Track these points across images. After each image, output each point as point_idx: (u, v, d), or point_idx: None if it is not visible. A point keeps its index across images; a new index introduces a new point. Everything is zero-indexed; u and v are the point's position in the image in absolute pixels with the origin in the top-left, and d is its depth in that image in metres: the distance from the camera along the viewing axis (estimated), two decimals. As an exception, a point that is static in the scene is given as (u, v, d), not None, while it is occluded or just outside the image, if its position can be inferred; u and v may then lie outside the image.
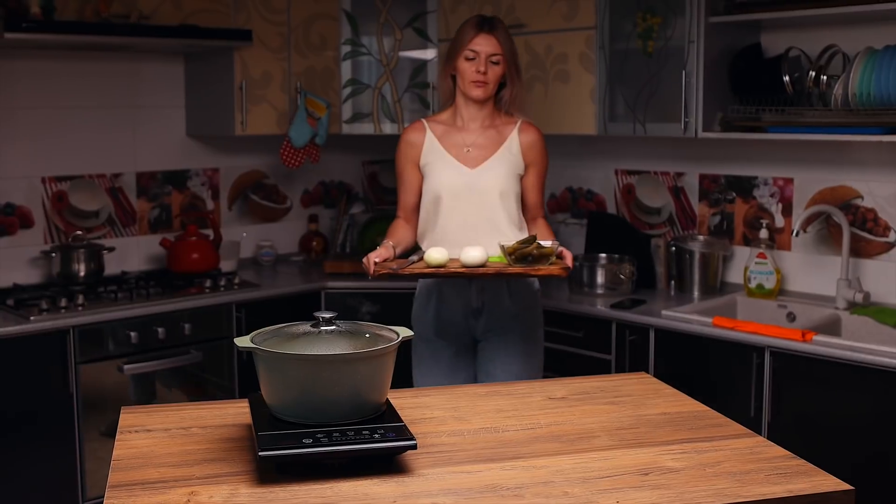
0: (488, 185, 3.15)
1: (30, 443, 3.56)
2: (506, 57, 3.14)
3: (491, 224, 3.14)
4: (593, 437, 2.14)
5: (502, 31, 3.15)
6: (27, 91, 4.10)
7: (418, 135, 3.26)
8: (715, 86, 3.75)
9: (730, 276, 4.10)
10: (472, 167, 3.18)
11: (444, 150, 3.21)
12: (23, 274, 4.15)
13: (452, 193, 3.17)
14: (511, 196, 3.18)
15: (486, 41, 3.13)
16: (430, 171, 3.21)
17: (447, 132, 3.23)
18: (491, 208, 3.15)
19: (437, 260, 2.91)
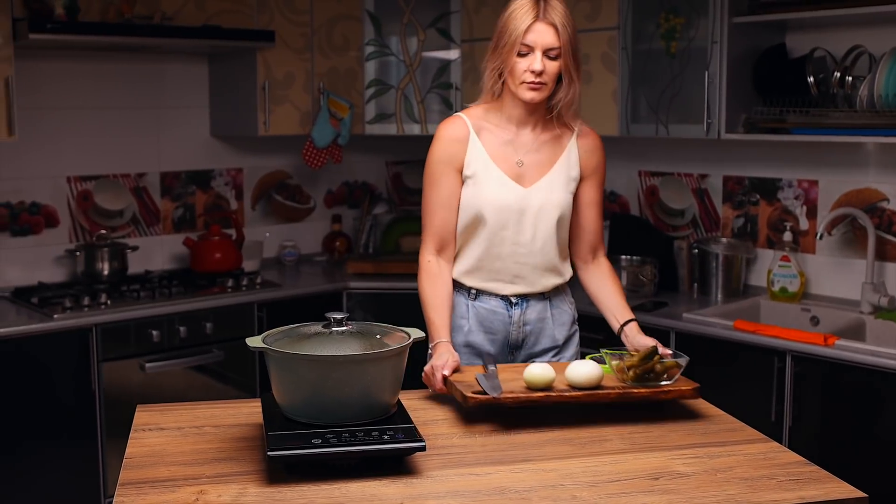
0: (546, 205, 2.58)
1: (52, 440, 3.58)
2: (567, 49, 2.46)
3: (543, 256, 2.61)
4: (605, 441, 2.13)
5: (562, 16, 2.46)
6: (52, 91, 4.13)
7: (462, 133, 2.59)
8: (738, 87, 3.72)
9: (753, 279, 4.06)
10: (527, 185, 2.59)
11: (491, 159, 2.57)
12: (48, 272, 4.18)
13: (499, 216, 2.57)
14: (567, 218, 2.64)
15: (543, 31, 2.44)
16: (475, 186, 2.58)
17: (493, 136, 2.59)
18: (545, 237, 2.59)
19: (541, 380, 2.25)
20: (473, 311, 2.65)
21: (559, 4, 2.47)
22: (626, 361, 2.30)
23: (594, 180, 2.67)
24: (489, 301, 2.64)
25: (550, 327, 2.68)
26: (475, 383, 2.27)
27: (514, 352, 2.69)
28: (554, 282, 2.66)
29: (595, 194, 2.68)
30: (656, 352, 2.34)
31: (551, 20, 2.44)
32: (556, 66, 2.46)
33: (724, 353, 3.46)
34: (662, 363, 2.29)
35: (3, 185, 4.04)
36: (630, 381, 2.28)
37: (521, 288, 2.63)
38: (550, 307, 2.68)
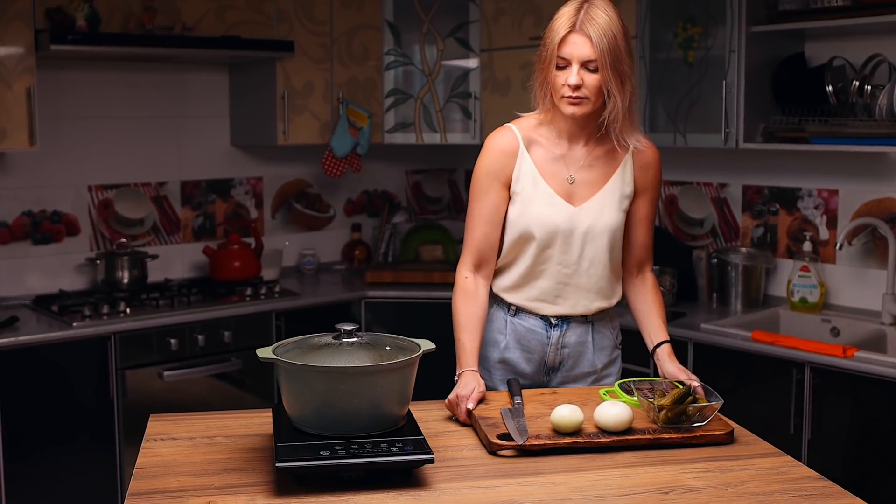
0: (596, 226, 2.47)
1: (71, 447, 3.61)
2: (605, 61, 2.30)
3: (589, 278, 2.51)
4: (616, 454, 2.12)
5: (601, 26, 2.29)
6: (74, 101, 4.17)
7: (511, 146, 2.48)
8: (757, 96, 3.70)
9: (773, 289, 4.04)
10: (577, 203, 2.48)
11: (541, 175, 2.47)
12: (69, 280, 4.21)
13: (546, 235, 2.46)
14: (619, 239, 2.52)
15: (579, 43, 2.30)
16: (522, 203, 2.48)
17: (544, 151, 2.48)
18: (592, 258, 2.49)
19: (570, 424, 2.16)
20: (512, 328, 2.58)
21: (602, 13, 2.31)
22: (657, 402, 2.22)
23: (648, 196, 2.55)
24: (528, 319, 2.56)
25: (590, 352, 2.59)
26: (500, 420, 2.22)
27: (551, 373, 2.61)
28: (598, 305, 2.56)
29: (648, 210, 2.56)
30: (689, 393, 2.24)
31: (587, 31, 2.29)
32: (597, 78, 2.32)
33: (743, 364, 3.44)
34: (695, 405, 2.20)
35: (25, 193, 4.07)
36: (661, 422, 2.20)
37: (562, 309, 2.54)
38: (592, 331, 2.59)
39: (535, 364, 2.59)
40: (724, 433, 2.18)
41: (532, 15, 4.31)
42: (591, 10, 2.32)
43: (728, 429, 2.20)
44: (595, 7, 2.33)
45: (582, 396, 2.34)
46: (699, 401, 2.23)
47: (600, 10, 2.32)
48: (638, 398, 2.28)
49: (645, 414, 2.26)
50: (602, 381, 2.63)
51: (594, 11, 2.32)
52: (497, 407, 2.30)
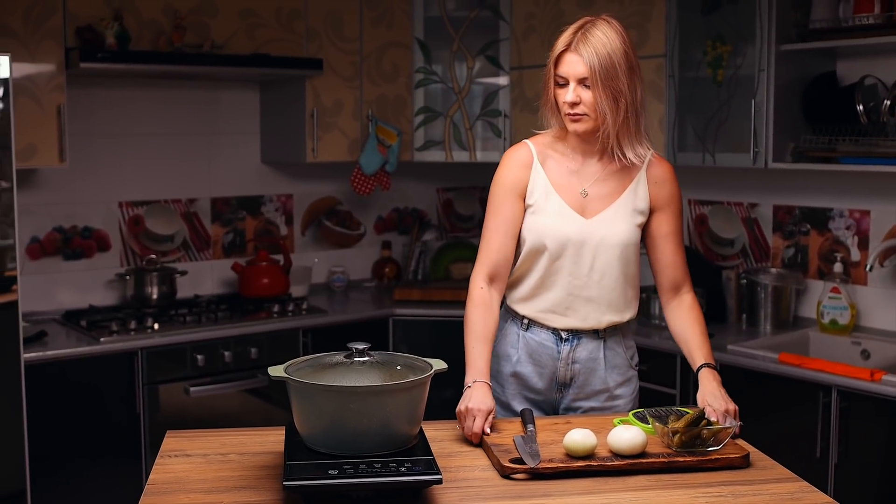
0: (607, 239, 2.49)
1: (98, 462, 3.63)
2: (597, 79, 2.36)
3: (600, 290, 2.51)
4: (629, 477, 2.09)
5: (595, 45, 2.36)
6: (105, 118, 4.22)
7: (526, 159, 2.55)
8: (787, 115, 3.66)
9: (803, 310, 3.98)
10: (588, 216, 2.51)
11: (554, 188, 2.52)
12: (99, 296, 4.25)
13: (559, 246, 2.50)
14: (632, 253, 2.53)
15: (573, 62, 2.38)
16: (535, 215, 2.52)
17: (558, 165, 2.54)
18: (603, 270, 2.50)
19: (582, 448, 2.14)
20: (524, 342, 2.59)
21: (599, 32, 2.38)
22: (671, 426, 2.19)
23: (668, 212, 2.56)
24: (540, 333, 2.57)
25: (602, 369, 2.58)
26: (513, 447, 2.20)
27: (563, 390, 2.59)
28: (609, 319, 2.55)
29: (669, 226, 2.56)
30: (703, 416, 2.21)
31: (580, 50, 2.37)
32: (593, 95, 2.39)
33: (769, 386, 3.39)
34: (710, 428, 2.18)
35: (56, 209, 4.12)
36: (675, 446, 2.17)
37: (572, 322, 2.54)
38: (604, 348, 2.57)
39: (546, 379, 2.58)
40: (739, 457, 2.15)
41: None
42: (589, 30, 2.39)
43: (743, 452, 2.17)
44: (594, 27, 2.40)
45: (596, 424, 2.32)
46: (713, 424, 2.20)
47: (598, 30, 2.39)
48: (652, 423, 2.25)
49: (659, 440, 2.23)
50: (615, 400, 2.61)
51: (591, 31, 2.39)
52: (510, 434, 2.28)
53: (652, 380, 3.73)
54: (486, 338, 2.50)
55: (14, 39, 3.58)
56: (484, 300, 2.53)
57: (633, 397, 2.65)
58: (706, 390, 2.40)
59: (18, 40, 3.60)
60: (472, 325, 2.51)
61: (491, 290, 2.55)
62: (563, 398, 2.61)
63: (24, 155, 3.63)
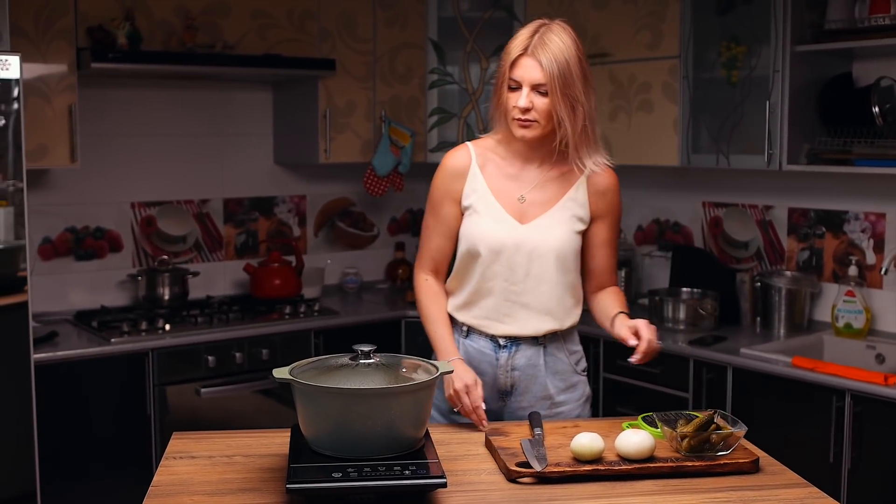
0: (542, 245, 2.45)
1: (107, 464, 3.63)
2: (555, 86, 2.31)
3: (537, 297, 2.47)
4: (637, 482, 2.06)
5: (553, 51, 2.30)
6: (118, 119, 4.22)
7: (463, 165, 2.52)
8: (802, 117, 3.63)
9: (818, 314, 3.94)
10: (525, 221, 2.48)
11: (491, 193, 2.48)
12: (111, 296, 4.25)
13: (493, 251, 2.45)
14: (571, 260, 2.49)
15: (529, 66, 2.32)
16: (471, 218, 2.50)
17: (497, 170, 2.50)
18: (539, 277, 2.46)
19: (590, 451, 2.10)
20: (464, 350, 2.55)
21: (556, 38, 2.32)
22: (679, 430, 2.16)
23: (606, 221, 2.52)
24: (478, 341, 2.54)
25: (542, 376, 2.52)
26: (520, 450, 2.18)
27: (505, 398, 2.54)
28: (548, 327, 2.50)
29: (606, 234, 2.53)
30: (712, 421, 2.17)
31: (538, 55, 2.31)
32: (547, 102, 2.34)
33: (782, 390, 3.36)
34: (718, 433, 2.13)
35: (68, 210, 4.12)
36: (684, 451, 2.15)
37: (511, 329, 2.50)
38: (544, 354, 2.52)
39: (488, 387, 2.51)
40: (748, 461, 2.12)
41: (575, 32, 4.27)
42: (545, 35, 2.33)
43: (753, 457, 2.14)
44: (551, 31, 2.34)
45: (604, 428, 2.29)
46: (723, 429, 2.17)
47: (555, 35, 2.33)
48: (661, 427, 2.23)
49: (668, 444, 2.21)
50: (558, 407, 2.55)
51: (548, 36, 2.33)
52: (517, 438, 2.26)
53: (664, 383, 3.71)
54: (443, 319, 2.55)
55: (25, 40, 3.58)
56: (430, 287, 2.58)
57: (581, 403, 2.59)
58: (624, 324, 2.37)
59: (30, 40, 3.60)
60: (426, 311, 2.57)
61: (436, 280, 2.59)
62: (505, 406, 2.55)
63: (35, 155, 3.63)
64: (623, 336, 2.34)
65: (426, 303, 2.57)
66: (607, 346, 3.91)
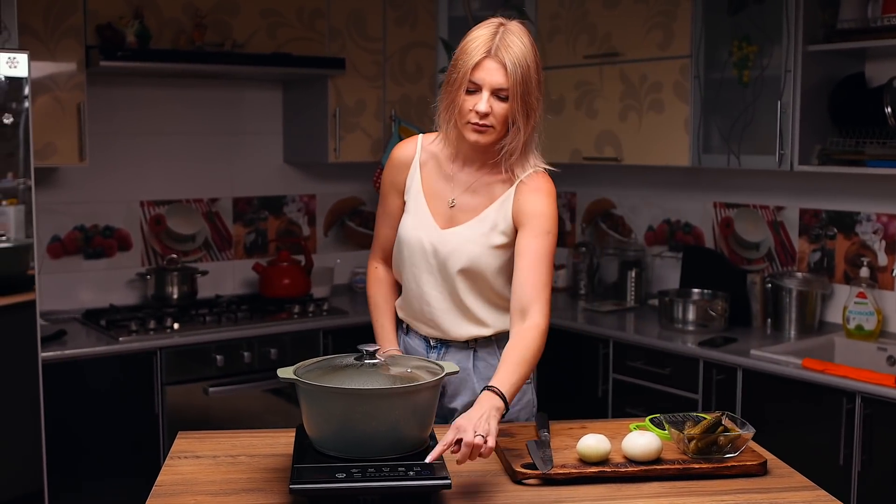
0: (453, 255, 2.37)
1: (115, 463, 3.62)
2: (516, 92, 2.21)
3: (452, 303, 2.41)
4: (643, 484, 2.05)
5: (516, 55, 2.19)
6: (127, 117, 4.21)
7: (408, 158, 2.46)
8: (813, 117, 3.60)
9: (829, 315, 3.91)
10: (445, 227, 2.40)
11: (423, 193, 2.43)
12: (120, 295, 4.25)
13: (413, 252, 2.42)
14: (487, 275, 2.37)
15: (492, 69, 2.20)
16: (404, 216, 2.47)
17: (436, 169, 2.42)
18: (452, 284, 2.39)
19: (596, 453, 2.08)
20: (404, 345, 2.55)
21: (517, 40, 2.21)
22: (686, 432, 2.14)
23: (528, 228, 2.32)
24: (414, 339, 2.53)
25: (472, 380, 2.45)
26: (525, 451, 2.16)
27: (440, 399, 2.36)
28: (471, 332, 2.43)
29: (528, 243, 2.31)
30: (720, 423, 2.13)
31: (502, 58, 2.19)
32: (506, 108, 2.22)
33: (792, 392, 3.33)
34: (726, 435, 2.11)
35: (77, 208, 4.12)
36: (691, 453, 2.12)
37: (433, 332, 2.47)
38: (474, 358, 2.46)
39: None
40: (756, 464, 2.10)
41: (586, 34, 4.26)
42: (507, 36, 2.21)
43: (761, 460, 2.12)
44: (511, 33, 2.23)
45: (611, 430, 2.28)
46: (730, 431, 2.15)
47: (516, 37, 2.22)
48: (668, 429, 2.21)
49: (675, 446, 2.19)
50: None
51: (510, 38, 2.21)
52: (523, 439, 2.24)
53: (673, 385, 3.69)
54: (386, 309, 2.55)
55: (34, 38, 3.58)
56: (378, 276, 2.57)
57: (520, 409, 2.47)
58: (469, 411, 2.06)
59: (39, 39, 3.60)
60: (377, 300, 2.57)
61: (385, 268, 2.58)
62: (441, 406, 2.46)
63: (44, 154, 3.63)
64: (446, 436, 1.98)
65: (371, 291, 2.58)
66: (616, 346, 3.89)
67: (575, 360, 4.04)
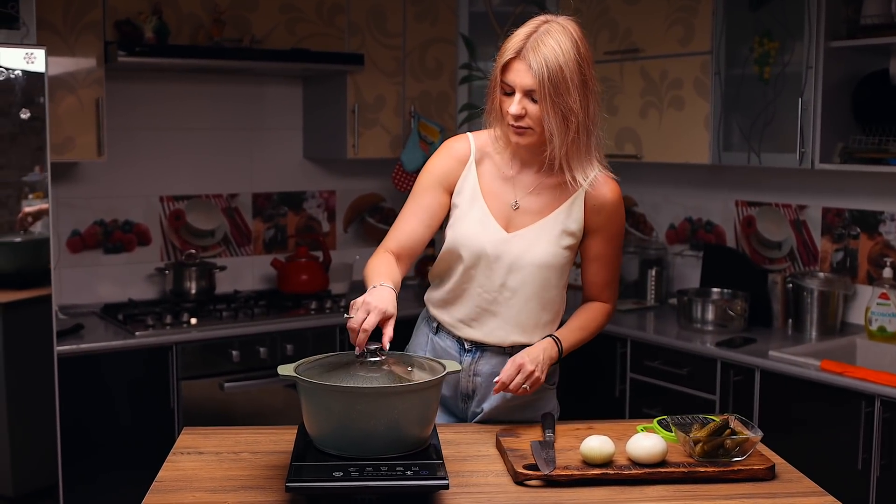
0: (523, 257, 2.31)
1: (129, 457, 3.63)
2: (545, 94, 2.14)
3: (510, 309, 2.35)
4: (647, 487, 2.01)
5: (546, 55, 2.13)
6: (147, 112, 4.22)
7: (463, 154, 2.37)
8: (836, 114, 3.54)
9: (851, 316, 3.85)
10: (511, 230, 2.34)
11: (482, 194, 2.35)
12: (139, 289, 4.26)
13: (474, 255, 2.33)
14: (553, 276, 2.35)
15: (521, 71, 2.17)
16: (457, 217, 2.36)
17: (494, 169, 2.36)
18: (516, 288, 2.34)
19: (599, 455, 2.05)
20: (432, 346, 2.48)
21: (552, 41, 2.14)
22: (693, 435, 2.10)
23: (601, 236, 2.35)
24: (445, 340, 2.45)
25: None
26: (529, 452, 2.13)
27: (466, 401, 2.45)
28: (515, 339, 2.38)
29: (601, 249, 2.37)
30: (727, 426, 2.10)
31: (528, 59, 2.14)
32: (539, 109, 2.17)
33: (810, 394, 3.28)
34: (733, 438, 2.07)
35: (97, 203, 4.14)
36: (697, 456, 2.09)
37: (477, 334, 2.40)
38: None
39: (451, 387, 2.44)
40: (763, 468, 2.06)
41: (607, 29, 4.22)
42: (541, 37, 2.16)
43: (769, 464, 2.08)
44: (548, 33, 2.17)
45: (617, 431, 2.24)
46: (738, 434, 2.11)
47: (551, 38, 2.15)
48: (674, 431, 2.17)
49: (682, 448, 2.15)
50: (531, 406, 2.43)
51: (544, 38, 2.15)
52: (528, 439, 2.22)
53: (691, 385, 3.65)
54: (389, 273, 2.26)
55: (53, 33, 3.59)
56: (384, 257, 2.34)
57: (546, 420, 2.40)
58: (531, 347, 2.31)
59: (58, 34, 3.61)
60: (375, 266, 2.31)
61: (393, 257, 2.36)
62: (467, 409, 2.47)
63: (62, 148, 3.65)
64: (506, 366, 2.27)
65: (371, 262, 2.33)
66: (634, 345, 3.85)
67: (592, 359, 4.00)
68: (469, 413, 2.47)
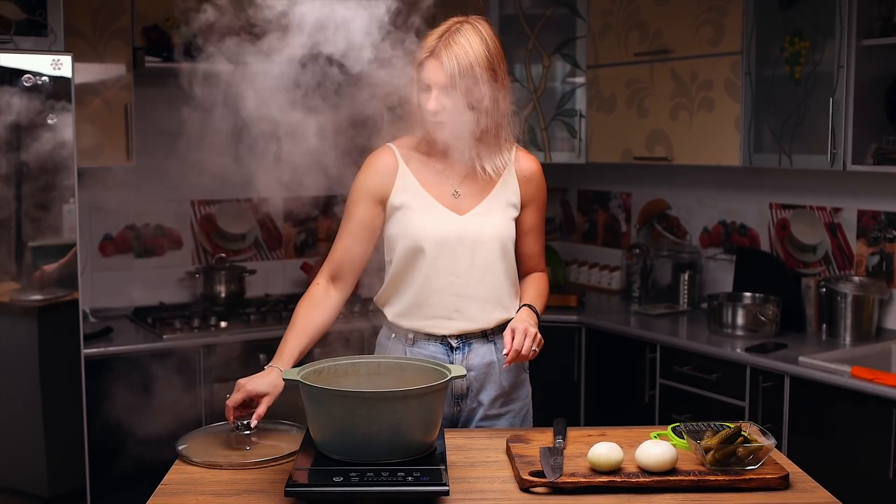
0: (484, 234, 2.41)
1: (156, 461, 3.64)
2: (450, 86, 2.27)
3: (484, 287, 2.42)
4: (655, 495, 1.97)
5: (456, 53, 2.27)
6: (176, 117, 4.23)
7: (389, 164, 2.45)
8: (868, 114, 3.46)
9: (888, 321, 3.76)
10: (462, 213, 2.42)
11: (423, 188, 2.42)
12: (170, 293, 4.29)
13: (433, 246, 2.39)
14: (510, 248, 2.47)
15: (433, 68, 2.29)
16: (406, 215, 2.41)
17: (424, 167, 2.44)
18: (484, 266, 2.42)
19: (608, 462, 2.02)
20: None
21: (464, 39, 2.28)
22: (704, 443, 2.05)
23: (534, 206, 2.50)
24: (428, 347, 2.45)
25: (496, 373, 2.47)
26: (538, 458, 2.10)
27: (460, 402, 2.47)
28: (497, 316, 2.46)
29: (534, 220, 2.52)
30: (739, 433, 2.06)
31: (441, 57, 2.27)
32: (451, 103, 2.29)
33: (840, 401, 3.21)
34: (745, 446, 2.02)
35: (129, 207, 4.17)
36: (709, 464, 2.04)
37: (461, 325, 2.43)
38: (495, 350, 2.46)
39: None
40: (777, 477, 2.01)
41: (637, 31, 4.17)
42: (452, 36, 2.29)
43: (783, 473, 2.03)
44: (459, 32, 2.30)
45: (629, 438, 2.21)
46: (751, 442, 2.06)
47: (462, 36, 2.29)
48: (686, 439, 2.13)
49: (693, 457, 2.11)
50: (510, 404, 2.51)
51: (456, 37, 2.29)
52: (537, 446, 2.19)
53: (720, 391, 3.59)
54: (305, 330, 2.42)
55: (82, 39, 3.63)
56: (315, 296, 2.48)
57: (529, 400, 2.59)
58: (517, 317, 2.41)
59: (87, 41, 3.65)
60: (296, 318, 2.46)
61: (329, 287, 2.50)
62: (461, 411, 2.48)
63: (92, 154, 3.68)
64: (505, 338, 2.31)
65: (298, 310, 2.49)
66: (664, 350, 3.80)
67: (623, 365, 3.96)
68: (465, 410, 2.48)
